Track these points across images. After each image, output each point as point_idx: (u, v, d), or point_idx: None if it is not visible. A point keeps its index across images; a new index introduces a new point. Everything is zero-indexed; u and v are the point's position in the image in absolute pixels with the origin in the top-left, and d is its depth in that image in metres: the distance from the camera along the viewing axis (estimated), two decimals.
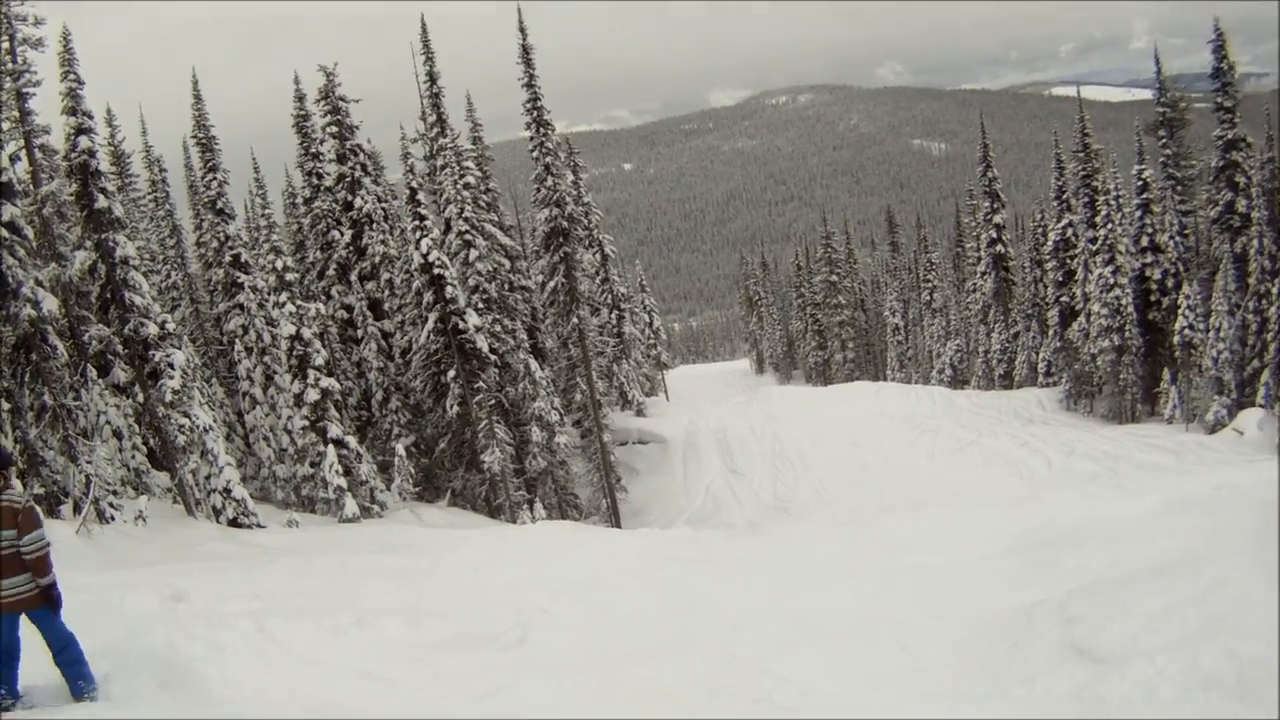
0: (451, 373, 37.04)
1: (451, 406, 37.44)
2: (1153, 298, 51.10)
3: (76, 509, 22.36)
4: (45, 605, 9.15)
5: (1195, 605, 9.44)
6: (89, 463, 23.53)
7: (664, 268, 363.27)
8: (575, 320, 44.04)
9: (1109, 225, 50.46)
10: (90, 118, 27.09)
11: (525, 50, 40.97)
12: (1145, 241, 50.98)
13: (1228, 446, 39.63)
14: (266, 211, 40.71)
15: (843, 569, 18.72)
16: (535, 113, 41.93)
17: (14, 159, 23.84)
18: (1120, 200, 52.13)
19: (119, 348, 27.45)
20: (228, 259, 37.52)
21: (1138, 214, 51.43)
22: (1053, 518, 20.90)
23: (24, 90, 25.78)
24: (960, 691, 10.15)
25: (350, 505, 31.22)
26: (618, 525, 41.68)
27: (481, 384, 36.97)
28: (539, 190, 42.93)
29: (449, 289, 36.11)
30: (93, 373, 26.12)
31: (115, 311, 27.40)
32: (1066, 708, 8.75)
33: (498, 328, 40.23)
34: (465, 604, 15.58)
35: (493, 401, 37.38)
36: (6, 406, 23.45)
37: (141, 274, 27.75)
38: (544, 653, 12.67)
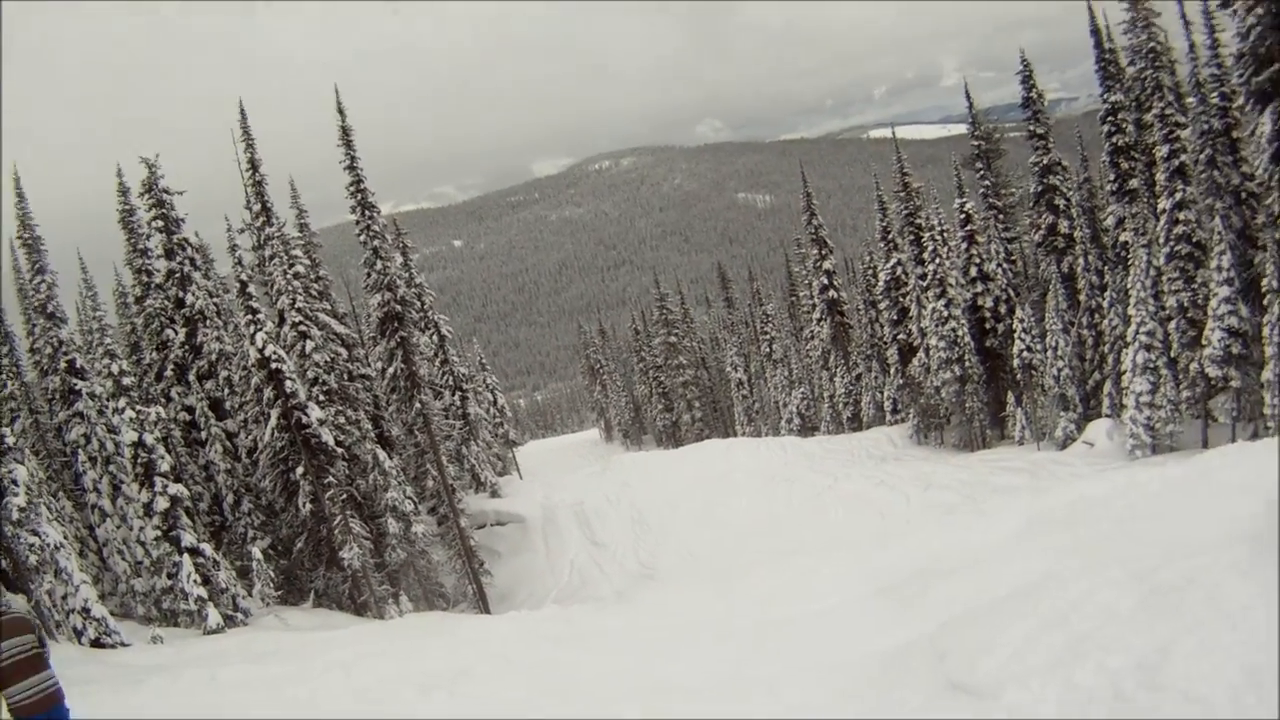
0: (300, 469, 36.36)
1: (304, 504, 36.74)
2: (988, 325, 52.03)
3: None
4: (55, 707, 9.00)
5: (1061, 625, 9.51)
6: None
7: (503, 343, 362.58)
8: (419, 405, 43.56)
9: (937, 260, 51.35)
10: None
11: (345, 131, 40.43)
12: (974, 272, 51.94)
13: (1080, 459, 40.47)
14: (99, 314, 39.70)
15: (713, 631, 18.61)
16: (359, 195, 41.45)
17: None
18: (945, 234, 53.24)
19: None
20: (62, 365, 36.43)
21: (964, 246, 52.45)
22: (915, 552, 21.07)
23: None
24: None
25: (213, 616, 30.43)
26: (486, 610, 41.15)
27: (331, 479, 36.36)
28: (369, 275, 42.45)
29: (288, 383, 35.46)
30: None
31: None
32: None
33: (341, 419, 39.62)
34: (337, 708, 15.26)
35: (345, 496, 36.75)
36: None
37: None
38: None
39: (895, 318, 60.42)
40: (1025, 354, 47.00)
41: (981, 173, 53.17)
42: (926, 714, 9.61)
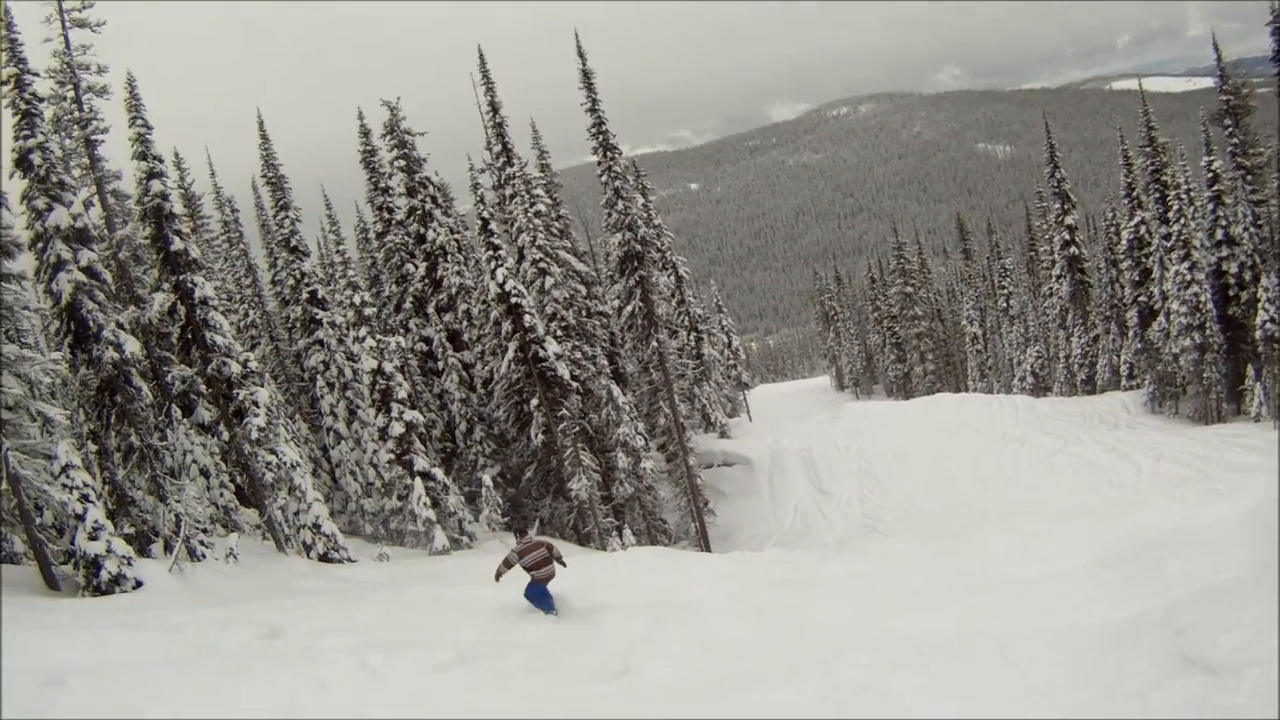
0: (534, 401, 37.23)
1: (536, 435, 37.62)
2: (1231, 292, 49.83)
3: (167, 548, 22.69)
4: (545, 584, 17.47)
5: None
6: (178, 502, 23.93)
7: (738, 287, 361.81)
8: (654, 344, 44.01)
9: (1182, 220, 49.64)
10: (160, 161, 27.49)
11: (586, 75, 40.91)
12: (1220, 235, 49.63)
13: None
14: (341, 248, 41.26)
15: (941, 586, 18.46)
16: (601, 137, 41.91)
17: (87, 205, 24.01)
18: (1191, 194, 51.28)
19: (202, 388, 27.88)
20: (305, 296, 37.91)
21: (1210, 207, 50.14)
22: (1148, 525, 20.60)
23: (92, 138, 26.22)
24: (1075, 707, 10.06)
25: (440, 537, 31.49)
26: (707, 549, 41.60)
27: (565, 412, 37.11)
28: (610, 215, 42.90)
29: (527, 318, 36.27)
30: (177, 413, 26.55)
31: (197, 352, 27.84)
32: None
33: (578, 354, 40.38)
34: (564, 635, 15.62)
35: (576, 429, 37.49)
36: (94, 448, 23.91)
37: (221, 314, 28.16)
38: (650, 681, 12.63)
39: (1136, 279, 58.58)
40: (1269, 325, 44.96)
41: (1229, 130, 50.43)
42: (1160, 686, 9.53)
